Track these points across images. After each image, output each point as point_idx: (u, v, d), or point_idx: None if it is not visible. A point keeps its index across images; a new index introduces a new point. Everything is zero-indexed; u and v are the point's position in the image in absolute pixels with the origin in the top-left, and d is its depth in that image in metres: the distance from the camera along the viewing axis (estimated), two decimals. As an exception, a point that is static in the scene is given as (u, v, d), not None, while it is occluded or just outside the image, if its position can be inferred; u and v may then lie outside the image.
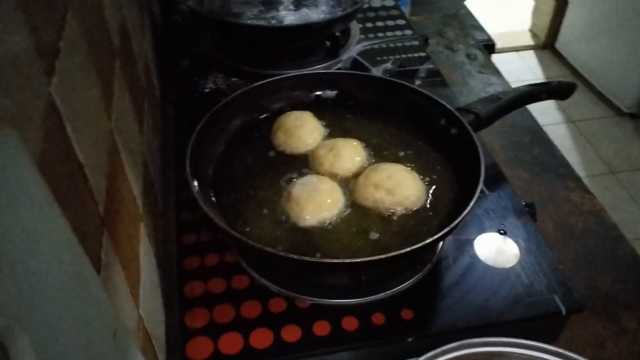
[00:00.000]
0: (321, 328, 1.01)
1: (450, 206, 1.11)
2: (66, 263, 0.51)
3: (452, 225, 0.97)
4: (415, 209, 1.10)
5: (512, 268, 1.10)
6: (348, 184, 1.15)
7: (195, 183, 1.05)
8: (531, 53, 5.00)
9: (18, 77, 0.53)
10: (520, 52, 5.00)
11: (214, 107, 1.21)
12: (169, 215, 1.26)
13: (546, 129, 1.63)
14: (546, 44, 4.97)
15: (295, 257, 0.93)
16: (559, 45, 4.83)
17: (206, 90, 1.57)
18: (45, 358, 0.43)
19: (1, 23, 0.51)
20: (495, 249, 1.14)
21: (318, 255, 1.02)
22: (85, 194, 0.69)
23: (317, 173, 1.17)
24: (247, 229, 1.07)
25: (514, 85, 1.76)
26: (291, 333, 1.00)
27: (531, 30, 5.17)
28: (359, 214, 1.10)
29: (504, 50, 4.82)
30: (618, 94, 4.08)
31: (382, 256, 0.93)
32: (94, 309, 0.56)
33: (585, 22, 4.32)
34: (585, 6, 4.31)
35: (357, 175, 1.15)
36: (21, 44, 0.55)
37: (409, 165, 1.17)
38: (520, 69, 4.77)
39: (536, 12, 5.04)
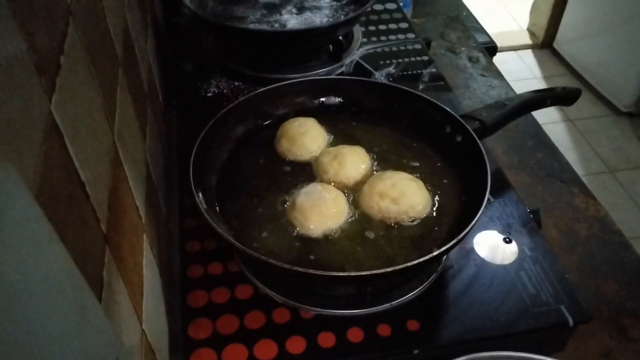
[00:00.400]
0: (326, 339, 0.98)
1: (456, 215, 1.09)
2: (67, 297, 0.48)
3: (460, 236, 0.94)
4: (421, 217, 1.07)
5: (511, 265, 1.09)
6: (353, 192, 1.12)
7: (199, 192, 1.03)
8: (529, 52, 4.98)
9: (16, 98, 0.50)
10: (519, 52, 4.98)
11: (217, 113, 1.19)
12: (171, 222, 1.23)
13: (544, 127, 1.61)
14: (544, 43, 4.95)
15: (301, 269, 0.90)
16: (557, 44, 4.81)
17: (209, 95, 1.54)
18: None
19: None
20: (495, 246, 1.13)
21: (322, 264, 1.00)
22: (87, 212, 0.67)
23: (322, 181, 1.14)
24: (251, 239, 1.04)
25: (513, 84, 1.74)
26: (296, 344, 0.97)
27: (529, 30, 5.15)
28: (365, 222, 1.07)
29: (503, 50, 4.80)
30: (616, 93, 4.05)
31: (389, 269, 0.90)
32: (96, 339, 0.54)
33: (583, 22, 4.30)
34: (583, 6, 4.29)
35: (361, 183, 1.12)
36: (19, 62, 0.52)
37: (413, 172, 1.14)
38: (518, 68, 4.75)
39: (534, 11, 5.02)
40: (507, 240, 1.13)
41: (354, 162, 1.15)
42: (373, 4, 1.69)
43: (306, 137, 1.20)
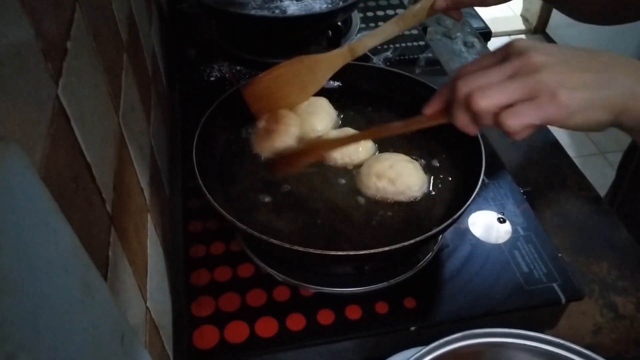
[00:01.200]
0: (325, 317, 0.98)
1: (452, 195, 1.09)
2: (73, 276, 0.47)
3: (456, 216, 0.94)
4: (417, 198, 1.07)
5: (505, 244, 1.09)
6: (352, 173, 1.11)
7: (202, 173, 1.02)
8: (523, 37, 4.97)
9: (25, 83, 0.50)
10: (513, 37, 4.97)
11: (220, 96, 1.18)
12: (175, 202, 1.23)
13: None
14: (537, 28, 4.94)
15: (301, 249, 0.89)
16: (550, 30, 4.81)
17: (212, 79, 1.53)
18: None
19: (6, 25, 0.48)
20: (490, 225, 1.13)
21: (324, 239, 1.00)
22: (93, 193, 0.66)
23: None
24: (253, 218, 1.04)
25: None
26: (296, 322, 0.97)
27: (523, 16, 5.14)
28: (365, 203, 1.07)
29: (497, 35, 4.78)
30: (606, 77, 4.02)
31: (386, 248, 0.90)
32: (101, 317, 0.53)
33: (575, 8, 4.27)
34: (575, -8, 4.26)
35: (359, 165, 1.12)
36: (27, 48, 0.52)
37: (411, 154, 1.13)
38: (512, 53, 4.73)
39: (527, -3, 5.02)
40: (501, 220, 1.13)
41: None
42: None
43: (314, 117, 1.20)
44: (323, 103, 1.23)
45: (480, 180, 1.00)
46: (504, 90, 0.74)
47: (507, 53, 0.77)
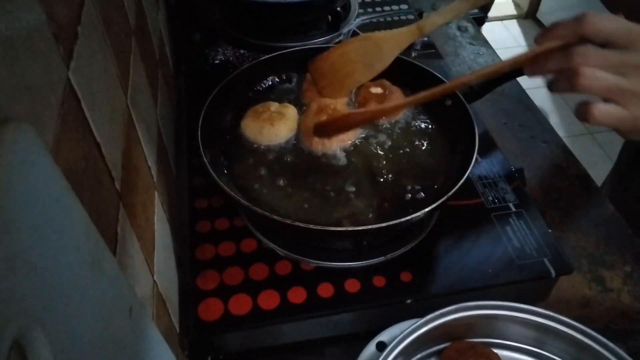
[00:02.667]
0: (325, 290, 0.98)
1: (447, 173, 1.08)
2: (83, 251, 0.47)
3: (451, 193, 0.94)
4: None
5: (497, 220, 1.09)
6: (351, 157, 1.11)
7: (206, 152, 1.02)
8: (514, 22, 4.96)
9: (37, 66, 0.50)
10: (505, 22, 4.97)
11: (224, 79, 1.17)
12: (181, 180, 1.23)
13: (528, 92, 1.59)
14: (528, 13, 4.93)
15: (301, 224, 0.90)
16: (540, 15, 4.80)
17: (216, 62, 1.53)
18: (62, 347, 0.40)
19: (19, 10, 0.47)
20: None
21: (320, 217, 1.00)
22: (102, 172, 0.66)
23: None
24: (256, 195, 1.04)
25: (499, 52, 1.73)
26: (297, 294, 0.97)
27: (514, 1, 5.12)
28: (365, 182, 1.07)
29: (489, 20, 4.77)
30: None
31: (383, 224, 0.90)
32: (111, 290, 0.53)
33: (565, -6, 4.27)
34: (565, -21, 4.26)
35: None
36: (39, 32, 0.52)
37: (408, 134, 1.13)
38: (504, 37, 4.74)
39: (519, -16, 5.00)
40: (494, 197, 1.13)
41: None
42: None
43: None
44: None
45: (474, 159, 1.00)
46: (611, 84, 0.75)
47: (630, 40, 0.75)
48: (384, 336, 0.95)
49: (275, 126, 1.13)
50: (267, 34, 1.60)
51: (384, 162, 1.09)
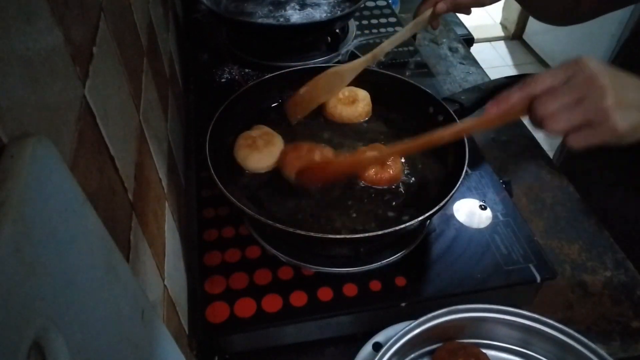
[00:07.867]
0: (325, 294, 0.98)
1: (439, 185, 1.09)
2: (98, 258, 0.47)
3: (442, 203, 0.95)
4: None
5: (486, 229, 1.09)
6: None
7: (214, 165, 1.02)
8: (502, 43, 4.97)
9: (55, 85, 0.50)
10: (493, 43, 4.96)
11: (230, 96, 1.18)
12: (190, 192, 1.23)
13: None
14: (515, 35, 4.94)
15: (302, 232, 0.90)
16: (527, 36, 4.80)
17: (223, 80, 1.54)
18: (79, 347, 0.40)
19: (38, 33, 0.48)
20: (472, 212, 1.13)
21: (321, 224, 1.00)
22: (116, 183, 0.66)
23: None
24: (260, 205, 1.05)
25: (487, 71, 1.74)
26: (298, 298, 0.97)
27: (502, 24, 5.13)
28: (361, 193, 1.07)
29: (478, 41, 4.78)
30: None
31: (379, 232, 0.91)
32: (124, 294, 0.53)
33: (549, 17, 4.27)
34: (549, 3, 4.26)
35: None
36: (58, 53, 0.52)
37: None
38: (492, 57, 4.74)
39: (506, 7, 4.99)
40: (483, 207, 1.13)
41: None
42: (366, 1, 1.68)
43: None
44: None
45: (464, 171, 1.00)
46: (573, 119, 0.79)
47: (575, 71, 0.80)
48: (379, 337, 0.95)
49: (256, 156, 1.13)
50: (270, 54, 1.60)
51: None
